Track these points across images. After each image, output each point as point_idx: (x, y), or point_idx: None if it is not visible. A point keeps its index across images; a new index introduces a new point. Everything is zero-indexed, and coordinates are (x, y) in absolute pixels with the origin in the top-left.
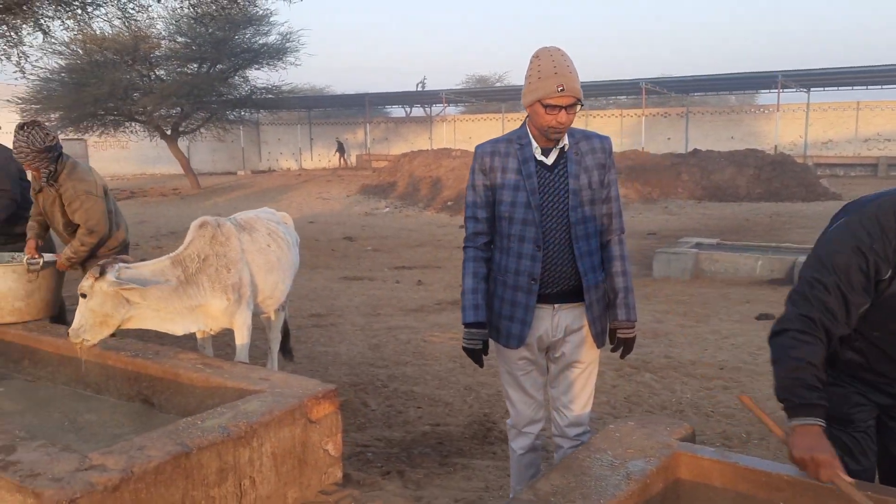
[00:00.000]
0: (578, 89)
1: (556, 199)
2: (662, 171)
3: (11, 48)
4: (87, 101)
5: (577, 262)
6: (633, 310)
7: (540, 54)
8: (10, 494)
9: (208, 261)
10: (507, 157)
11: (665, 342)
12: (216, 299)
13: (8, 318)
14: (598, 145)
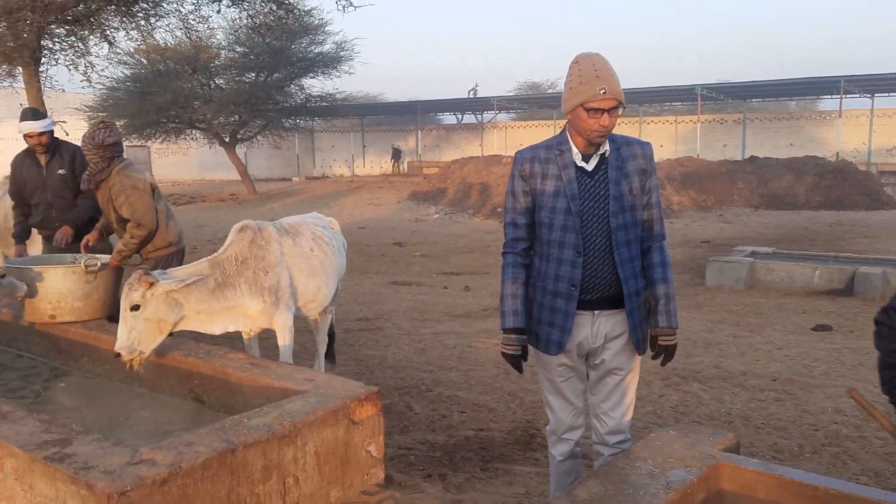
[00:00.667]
0: (620, 92)
1: (597, 205)
2: (718, 179)
3: (79, 58)
4: (151, 109)
5: (618, 269)
6: (674, 317)
7: (580, 59)
8: (65, 485)
9: (246, 263)
10: (548, 164)
11: (715, 352)
12: (253, 301)
13: (67, 316)
14: (638, 151)
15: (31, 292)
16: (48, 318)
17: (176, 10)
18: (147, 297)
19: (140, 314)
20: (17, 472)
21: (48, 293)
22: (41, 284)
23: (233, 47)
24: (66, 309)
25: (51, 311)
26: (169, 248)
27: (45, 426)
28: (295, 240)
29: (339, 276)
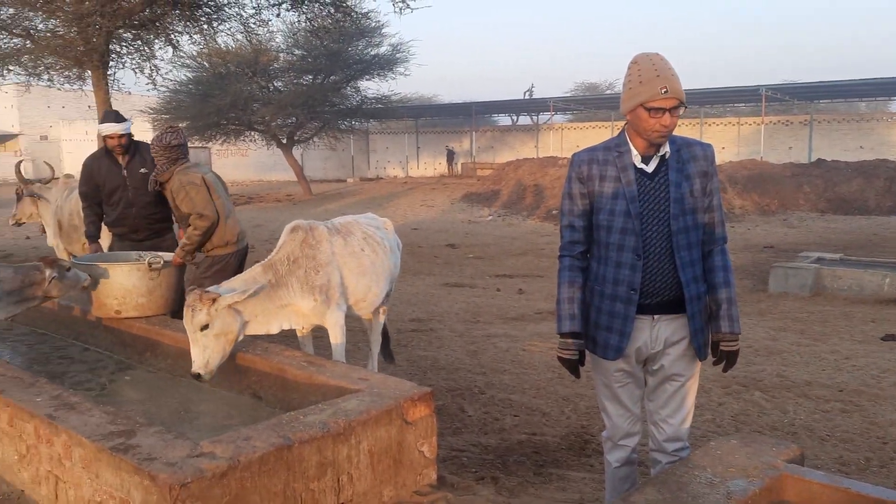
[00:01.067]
0: (681, 91)
1: (657, 207)
2: (782, 182)
3: (145, 61)
4: (212, 111)
5: (679, 272)
6: (736, 322)
7: (638, 59)
8: (129, 475)
9: (298, 263)
10: (606, 165)
11: (778, 360)
12: (304, 300)
13: (132, 312)
14: (699, 153)
15: (97, 288)
16: (114, 313)
17: (237, 14)
18: (213, 314)
19: (210, 332)
20: (84, 461)
21: (114, 289)
22: (107, 281)
23: (291, 50)
24: (131, 305)
25: (116, 307)
26: (227, 248)
27: (110, 417)
28: (346, 239)
29: (391, 277)
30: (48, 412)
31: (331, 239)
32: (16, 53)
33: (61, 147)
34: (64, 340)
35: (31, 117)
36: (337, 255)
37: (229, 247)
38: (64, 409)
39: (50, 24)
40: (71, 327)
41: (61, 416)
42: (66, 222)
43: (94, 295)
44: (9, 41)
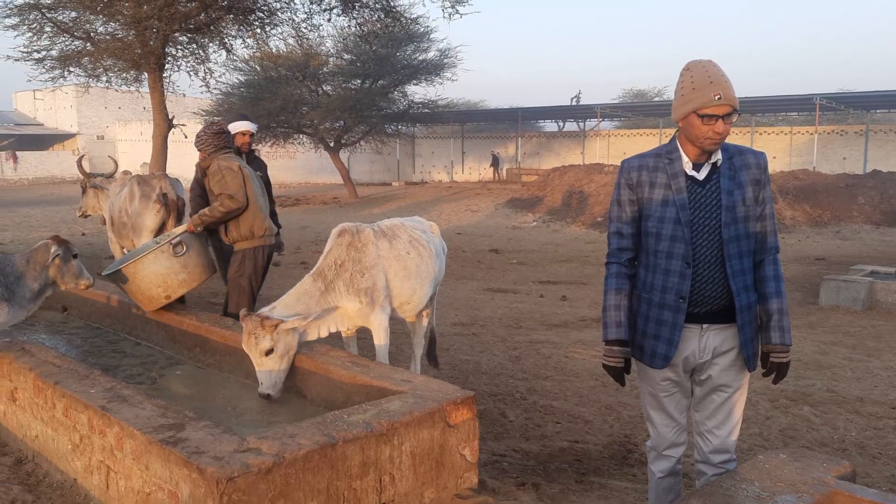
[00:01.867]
0: (735, 98)
1: (708, 215)
2: (835, 193)
3: (199, 64)
4: (262, 114)
5: (730, 281)
6: (787, 333)
7: (691, 66)
8: (178, 468)
9: (344, 266)
10: (656, 172)
11: (829, 375)
12: (350, 301)
13: (180, 290)
14: (752, 160)
15: (138, 286)
16: (164, 299)
17: (289, 19)
18: (275, 339)
19: (274, 355)
20: (135, 452)
21: (152, 279)
22: (143, 275)
23: (341, 55)
24: (175, 284)
25: (164, 294)
26: (253, 241)
27: (161, 411)
28: (391, 242)
29: (435, 280)
30: (102, 404)
31: (376, 242)
32: (77, 56)
33: (116, 147)
34: (117, 335)
35: (89, 117)
36: (382, 258)
37: (255, 240)
38: (117, 401)
39: (109, 27)
40: (124, 322)
41: (114, 408)
42: (116, 218)
43: (138, 293)
44: (70, 44)
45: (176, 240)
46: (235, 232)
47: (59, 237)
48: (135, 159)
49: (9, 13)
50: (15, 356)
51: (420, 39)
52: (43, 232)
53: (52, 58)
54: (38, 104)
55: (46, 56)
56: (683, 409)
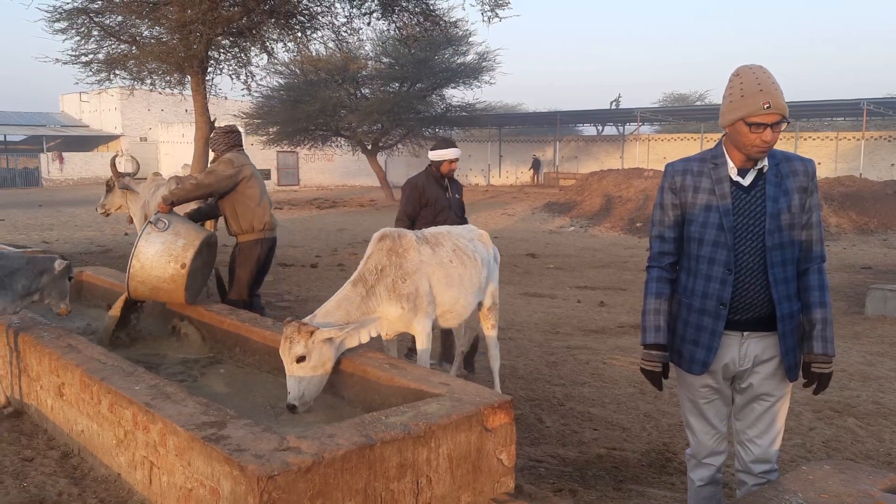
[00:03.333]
0: (785, 106)
1: (752, 221)
2: (883, 201)
3: (241, 68)
4: (301, 117)
5: (772, 289)
6: (830, 344)
7: (741, 72)
8: (220, 465)
9: (385, 271)
10: (700, 177)
11: (875, 386)
12: (392, 307)
13: (187, 253)
14: (800, 168)
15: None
16: (181, 268)
17: (329, 23)
18: (309, 347)
19: (307, 364)
20: (177, 449)
21: (159, 258)
22: (149, 260)
23: (379, 58)
24: (179, 250)
25: (177, 265)
26: (253, 234)
27: (203, 408)
28: (434, 249)
29: (481, 289)
30: (146, 400)
31: (419, 248)
32: (122, 59)
33: (159, 148)
34: (159, 332)
35: (132, 119)
36: (424, 264)
37: (255, 234)
38: (160, 398)
39: (154, 31)
40: (165, 320)
41: (158, 405)
42: None
43: (161, 284)
44: (116, 47)
45: (152, 219)
46: (236, 225)
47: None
48: (177, 161)
49: (58, 17)
50: (62, 352)
51: (459, 43)
52: (88, 232)
53: (98, 61)
54: (84, 106)
55: (93, 59)
56: (724, 416)
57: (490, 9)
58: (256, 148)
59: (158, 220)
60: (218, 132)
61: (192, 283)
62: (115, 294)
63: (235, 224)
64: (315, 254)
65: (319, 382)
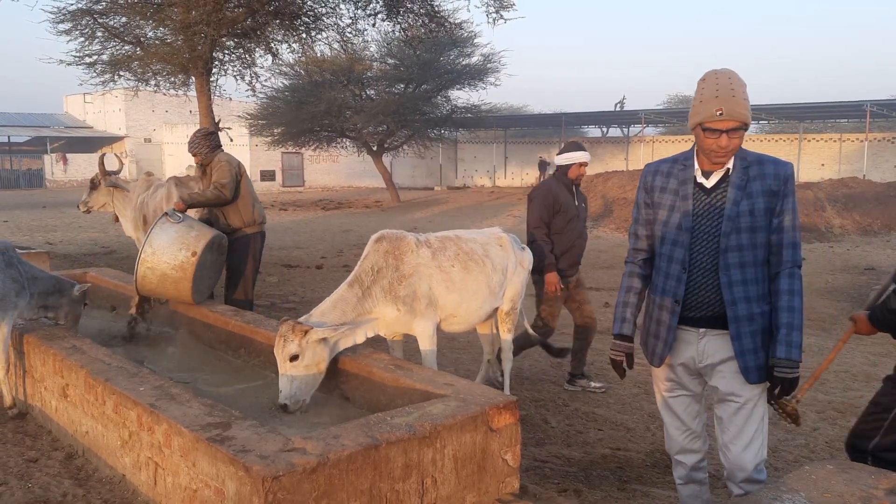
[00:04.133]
0: (740, 113)
1: (710, 222)
2: (886, 202)
3: (245, 69)
4: (306, 118)
5: (723, 290)
6: (795, 349)
7: (706, 77)
8: (225, 465)
9: (381, 273)
10: (669, 178)
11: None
12: (388, 308)
13: (200, 243)
14: (770, 171)
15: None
16: (192, 256)
17: (334, 24)
18: (303, 346)
19: (299, 363)
20: (182, 449)
21: (171, 245)
22: (161, 247)
23: (385, 59)
24: (192, 240)
25: (188, 252)
26: (253, 227)
27: (208, 409)
28: (435, 253)
29: (495, 295)
30: (151, 401)
31: (417, 250)
32: (127, 60)
33: (163, 149)
34: (167, 333)
35: (137, 120)
36: (422, 267)
37: (255, 227)
38: (165, 399)
39: (159, 32)
40: (172, 321)
41: (163, 406)
42: (152, 218)
43: (171, 271)
44: (120, 48)
45: (168, 212)
46: (239, 220)
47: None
48: (181, 161)
49: (62, 18)
50: (66, 353)
51: (464, 44)
52: (92, 233)
53: (102, 62)
54: (88, 107)
55: (97, 60)
56: (694, 414)
57: (495, 10)
58: (261, 149)
59: (174, 214)
60: (198, 135)
61: (200, 277)
62: (119, 295)
63: (238, 219)
64: (320, 255)
65: (312, 382)
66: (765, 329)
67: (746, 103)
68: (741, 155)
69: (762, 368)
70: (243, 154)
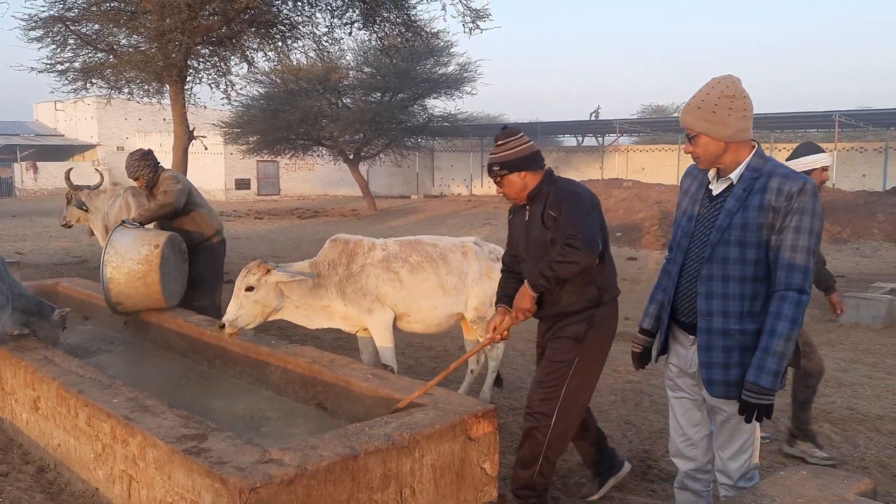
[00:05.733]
0: (686, 120)
1: (705, 230)
2: (855, 211)
3: (220, 77)
4: (281, 126)
5: (698, 299)
6: (766, 374)
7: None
8: (201, 478)
9: (335, 269)
10: (694, 181)
11: (849, 393)
12: (338, 303)
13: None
14: (775, 186)
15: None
16: (155, 248)
17: (311, 33)
18: (261, 282)
19: (252, 295)
20: (157, 462)
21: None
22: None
23: (361, 68)
24: (152, 237)
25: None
26: (217, 237)
27: (184, 421)
28: (388, 255)
29: (452, 300)
30: (125, 413)
31: (368, 252)
32: (99, 68)
33: None
34: (140, 344)
35: (109, 129)
36: (369, 266)
37: (218, 236)
38: (140, 411)
39: (132, 40)
40: (145, 332)
41: (137, 418)
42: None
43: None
44: (93, 56)
45: (125, 220)
46: (200, 233)
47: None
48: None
49: (33, 26)
50: (38, 365)
51: (440, 53)
52: (63, 242)
53: (74, 70)
54: (59, 115)
55: (69, 68)
56: (694, 421)
57: (471, 20)
58: (236, 157)
59: (130, 222)
60: (135, 158)
61: (168, 275)
62: (91, 305)
63: (199, 232)
64: None
65: (254, 315)
66: (747, 347)
67: (702, 112)
68: (756, 165)
69: (731, 385)
70: (218, 162)
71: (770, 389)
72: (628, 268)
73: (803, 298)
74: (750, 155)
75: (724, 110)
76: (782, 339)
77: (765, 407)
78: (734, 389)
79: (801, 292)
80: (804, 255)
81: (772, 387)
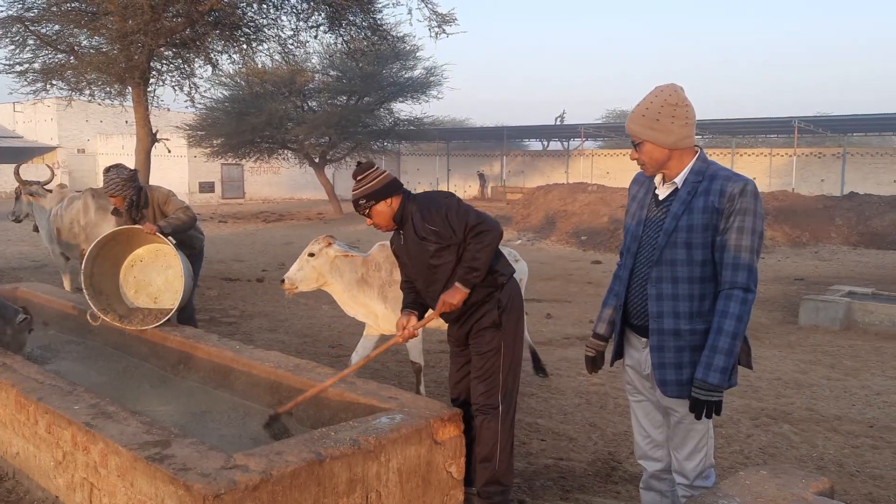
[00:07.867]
0: (635, 129)
1: (653, 234)
2: (814, 215)
3: (184, 79)
4: (246, 129)
5: (648, 301)
6: (714, 372)
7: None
8: (164, 485)
9: (379, 272)
10: (641, 187)
11: (808, 394)
12: (377, 303)
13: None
14: (717, 188)
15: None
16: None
17: (276, 36)
18: (321, 252)
19: (311, 261)
20: (119, 469)
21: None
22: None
23: (327, 71)
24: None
25: None
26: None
27: (147, 427)
28: None
29: None
30: (86, 420)
31: None
32: (60, 69)
33: (97, 160)
34: (101, 349)
35: (70, 131)
36: None
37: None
38: (101, 418)
39: (94, 41)
40: (107, 337)
41: (99, 424)
42: (66, 230)
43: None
44: (53, 57)
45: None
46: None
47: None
48: None
49: None
50: None
51: (406, 57)
52: (21, 246)
53: (34, 71)
54: (18, 116)
55: (29, 69)
56: (657, 423)
57: (437, 24)
58: (200, 160)
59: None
60: (121, 178)
61: None
62: (53, 311)
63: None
64: (261, 268)
65: (310, 280)
66: (698, 347)
67: (646, 120)
68: (699, 169)
69: (684, 385)
70: (181, 165)
71: (718, 386)
72: (593, 271)
73: (749, 296)
74: (693, 159)
75: (668, 118)
76: (729, 337)
77: (714, 403)
78: (687, 389)
79: (747, 290)
80: (748, 254)
81: (720, 383)
